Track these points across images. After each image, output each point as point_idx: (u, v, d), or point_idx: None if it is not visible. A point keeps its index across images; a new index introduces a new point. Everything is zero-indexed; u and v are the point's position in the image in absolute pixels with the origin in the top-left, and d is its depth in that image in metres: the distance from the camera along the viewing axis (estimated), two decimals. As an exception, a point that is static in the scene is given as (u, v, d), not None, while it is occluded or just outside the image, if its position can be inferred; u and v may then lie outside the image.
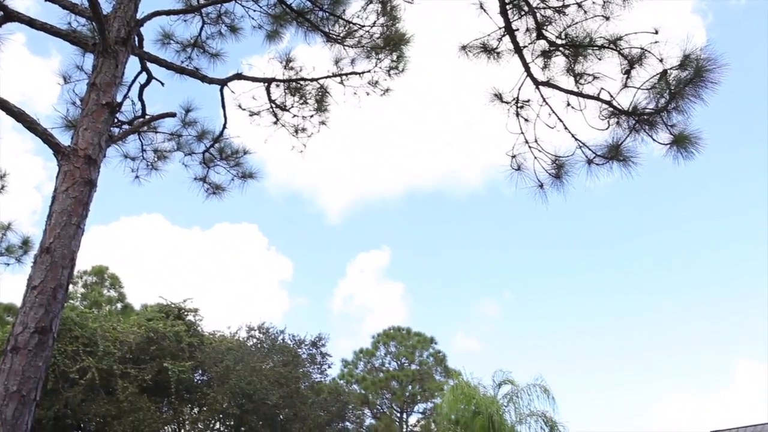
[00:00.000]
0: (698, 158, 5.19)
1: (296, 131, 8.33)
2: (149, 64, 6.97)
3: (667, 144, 5.14)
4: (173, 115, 7.30)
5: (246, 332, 23.12)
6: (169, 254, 48.13)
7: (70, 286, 5.72)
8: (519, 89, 5.79)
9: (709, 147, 5.26)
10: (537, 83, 5.65)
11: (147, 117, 7.26)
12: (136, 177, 8.06)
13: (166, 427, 20.78)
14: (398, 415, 33.58)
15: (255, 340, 22.92)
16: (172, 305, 21.65)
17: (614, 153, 5.33)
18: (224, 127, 7.92)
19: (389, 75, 7.89)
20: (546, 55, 5.60)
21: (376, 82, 7.93)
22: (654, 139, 5.20)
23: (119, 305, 30.59)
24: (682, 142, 5.01)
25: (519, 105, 5.86)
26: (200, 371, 21.04)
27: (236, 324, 27.90)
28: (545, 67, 5.65)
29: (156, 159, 8.09)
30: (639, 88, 5.19)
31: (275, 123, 8.25)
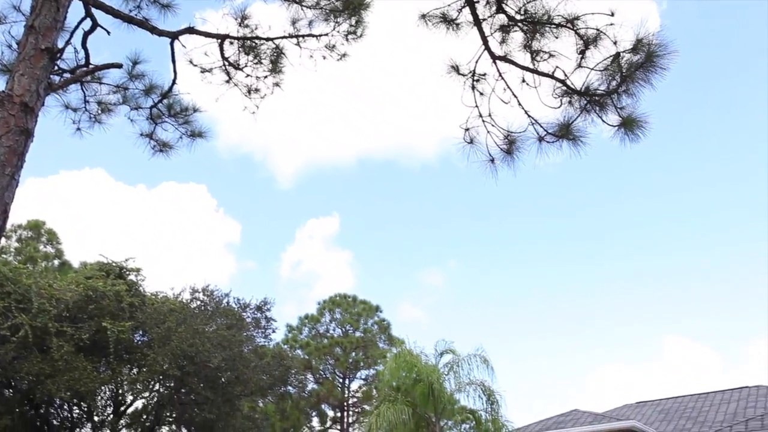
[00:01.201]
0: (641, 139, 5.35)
1: (249, 91, 8.11)
2: (94, 11, 6.60)
3: (615, 126, 5.27)
4: (119, 66, 6.97)
5: (190, 294, 22.79)
6: (112, 211, 46.62)
7: (3, 240, 5.47)
8: (476, 62, 5.80)
9: (651, 128, 5.42)
10: (494, 57, 5.67)
11: (91, 66, 6.90)
12: (78, 129, 7.70)
13: (103, 387, 20.42)
14: (341, 380, 34.04)
15: (199, 303, 22.63)
16: (113, 264, 21.08)
17: (565, 132, 5.44)
18: (174, 82, 7.62)
19: (347, 40, 7.75)
20: (504, 29, 5.61)
21: (333, 46, 7.78)
22: (603, 120, 5.33)
23: (56, 262, 29.57)
24: (629, 125, 5.15)
25: (475, 78, 5.88)
26: (141, 332, 20.68)
27: (180, 285, 27.46)
28: (503, 41, 5.66)
29: (99, 111, 7.74)
30: (592, 69, 5.28)
31: (227, 82, 8.00)
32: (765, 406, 17.75)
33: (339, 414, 34.15)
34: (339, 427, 34.08)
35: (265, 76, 8.03)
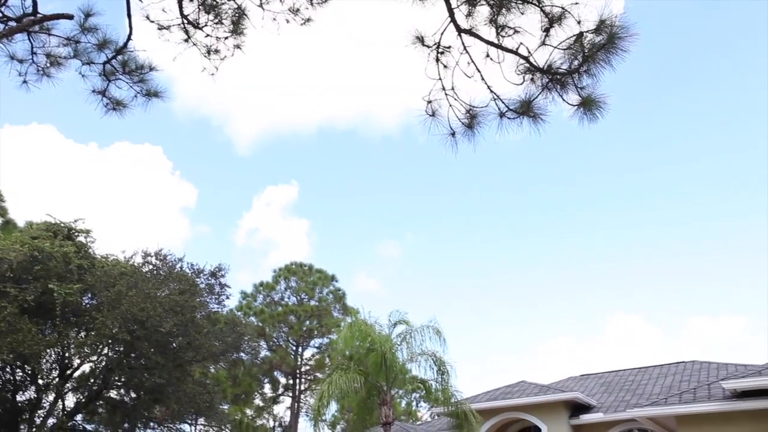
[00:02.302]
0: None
1: (209, 52, 7.85)
2: (44, -44, 6.25)
3: (575, 105, 5.34)
4: (70, 17, 6.64)
5: (142, 258, 22.37)
6: (61, 170, 44.99)
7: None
8: (441, 34, 5.74)
9: (609, 109, 5.52)
10: (460, 30, 5.63)
11: (39, 16, 6.55)
12: (24, 82, 7.32)
13: (48, 350, 19.97)
14: (294, 348, 34.17)
15: (151, 267, 22.24)
16: (61, 224, 20.46)
17: (526, 108, 5.47)
18: (129, 38, 7.30)
19: (311, 4, 7.56)
20: (471, 2, 5.57)
21: (298, 9, 7.57)
22: (564, 99, 5.38)
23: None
24: (588, 105, 5.21)
25: (440, 50, 5.83)
26: (89, 295, 20.23)
27: (132, 249, 26.88)
28: (469, 14, 5.62)
29: (48, 64, 7.37)
30: (555, 48, 5.30)
31: (186, 41, 7.71)
32: (698, 380, 18.71)
33: (291, 381, 34.37)
34: (291, 394, 34.35)
35: (226, 38, 7.78)
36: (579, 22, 5.18)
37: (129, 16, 7.05)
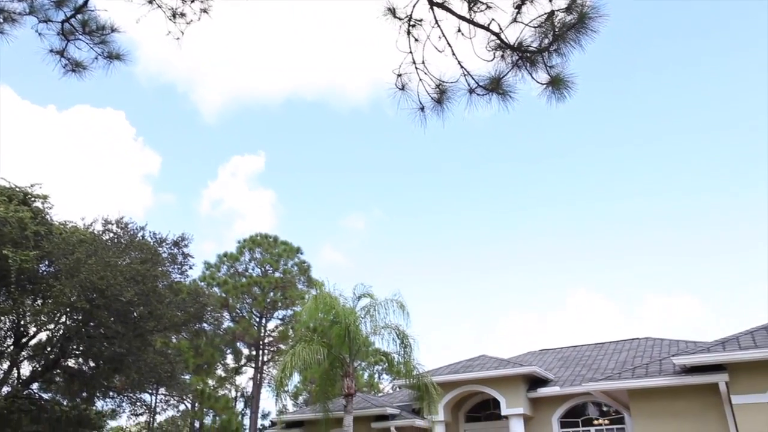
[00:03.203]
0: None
1: (174, 15, 7.58)
2: None
3: (543, 84, 5.36)
4: (26, -29, 6.31)
5: (102, 225, 21.89)
6: (17, 132, 43.39)
7: None
8: (413, 7, 5.67)
9: (577, 89, 5.57)
10: (432, 3, 5.56)
11: (-8, -32, 6.22)
12: (-25, 38, 6.98)
13: (3, 318, 19.49)
14: (257, 319, 34.10)
15: (112, 235, 21.79)
16: (17, 189, 19.81)
17: (495, 85, 5.47)
18: (89, -4, 7.01)
19: (282, -31, 7.36)
20: (444, -25, 5.50)
21: (267, -26, 7.37)
22: (533, 77, 5.39)
23: (-49, 183, 27.38)
24: (557, 84, 5.24)
25: (411, 23, 5.76)
26: (47, 262, 19.74)
27: (92, 216, 26.27)
28: (442, -13, 5.55)
29: (2, 20, 7.03)
30: (527, 25, 5.29)
31: (150, 2, 7.44)
32: (651, 356, 19.40)
33: (254, 352, 34.37)
34: (254, 365, 34.37)
35: (192, 0, 7.53)
36: (551, 1, 5.17)
37: (89, -28, 6.75)
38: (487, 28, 5.48)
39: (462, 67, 5.70)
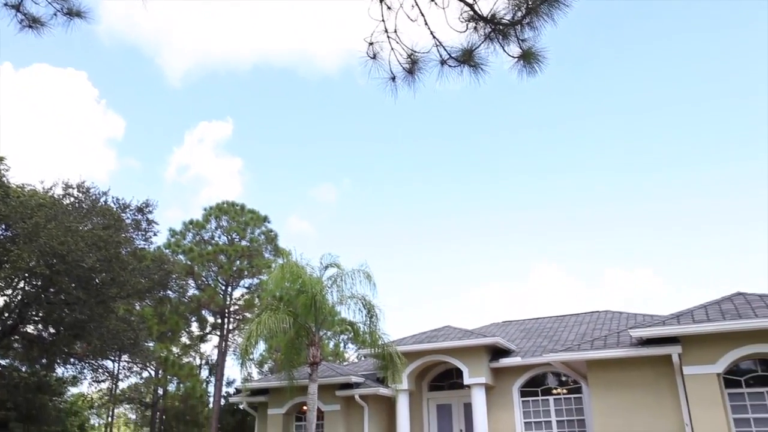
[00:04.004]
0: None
1: (137, -28, 7.28)
2: None
3: (515, 57, 5.34)
4: None
5: (62, 189, 21.30)
6: (-29, 91, 41.59)
7: None
8: (387, -27, 5.56)
9: (548, 63, 5.57)
10: (406, -30, 5.46)
11: None
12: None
13: (-42, 282, 18.96)
14: (223, 287, 33.88)
15: (72, 199, 21.24)
16: (-29, 150, 19.04)
17: (467, 57, 5.42)
18: (46, -53, 6.66)
19: (252, -72, 7.11)
20: (419, -59, 5.38)
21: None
22: (505, 50, 5.37)
23: None
24: (528, 58, 5.23)
25: (384, -10, 5.65)
26: (3, 226, 19.16)
27: (51, 179, 25.53)
28: (416, -46, 5.44)
29: (-48, -30, 6.63)
30: (501, -3, 5.24)
31: (112, -44, 7.13)
32: (609, 328, 20.00)
33: (219, 320, 34.24)
34: (219, 333, 34.27)
35: (157, -43, 7.23)
36: (525, -27, 5.12)
37: None
38: (461, -1, 5.41)
39: (434, 37, 5.63)
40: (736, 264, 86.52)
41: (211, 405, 33.15)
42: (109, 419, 38.96)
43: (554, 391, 18.75)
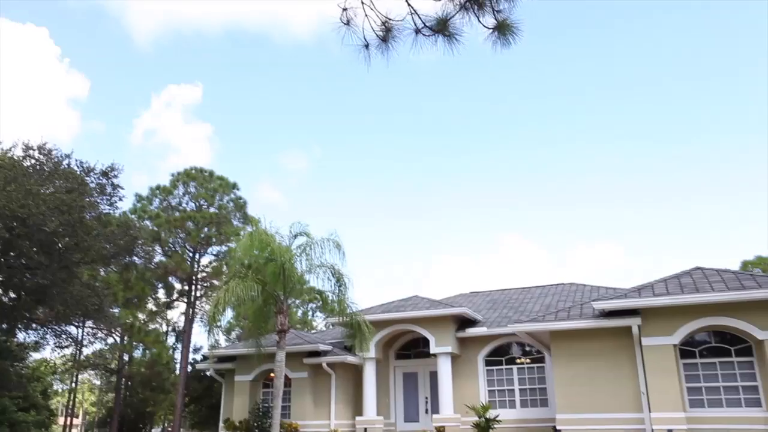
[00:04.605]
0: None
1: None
2: None
3: (490, 29, 5.28)
4: None
5: (23, 151, 20.62)
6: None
7: None
8: (362, -64, 5.41)
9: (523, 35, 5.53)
10: (382, -66, 5.32)
11: None
12: None
13: None
14: (191, 254, 33.53)
15: (33, 161, 20.59)
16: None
17: (442, 27, 5.35)
18: None
19: None
20: None
21: None
22: (480, 21, 5.30)
23: None
24: (503, 29, 5.18)
25: (359, -46, 5.50)
26: (-40, 187, 18.51)
27: (10, 140, 24.67)
28: None
29: None
30: (477, -34, 5.16)
31: None
32: (573, 300, 20.47)
33: (187, 287, 33.97)
34: (186, 300, 34.03)
35: None
36: (503, -58, 5.04)
37: None
38: (437, -34, 5.31)
39: (409, 5, 5.53)
40: (701, 238, 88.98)
41: (177, 371, 33.10)
42: (73, 385, 38.62)
43: (518, 361, 19.21)
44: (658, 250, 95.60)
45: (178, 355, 35.54)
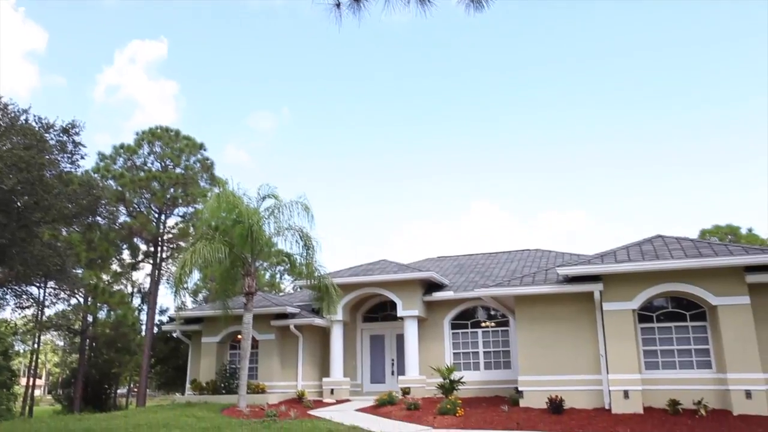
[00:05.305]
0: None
1: None
2: None
3: (464, -10, 5.19)
4: None
5: (-24, 105, 19.72)
6: None
7: None
8: None
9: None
10: None
11: None
12: None
13: None
14: (156, 215, 32.98)
15: (-12, 116, 19.74)
16: None
17: (415, -14, 5.23)
18: None
19: None
20: None
21: None
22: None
23: None
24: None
25: None
26: None
27: (-36, 94, 23.56)
28: None
29: None
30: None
31: None
32: (539, 266, 20.87)
33: (152, 249, 33.50)
34: (152, 262, 33.60)
35: None
36: None
37: None
38: None
39: (382, -39, 5.38)
40: (665, 207, 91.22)
41: (143, 333, 32.88)
42: (35, 345, 38.09)
43: (483, 325, 19.60)
44: (624, 217, 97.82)
45: (143, 317, 35.28)
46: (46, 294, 30.86)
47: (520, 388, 14.67)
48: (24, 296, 25.85)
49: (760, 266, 13.30)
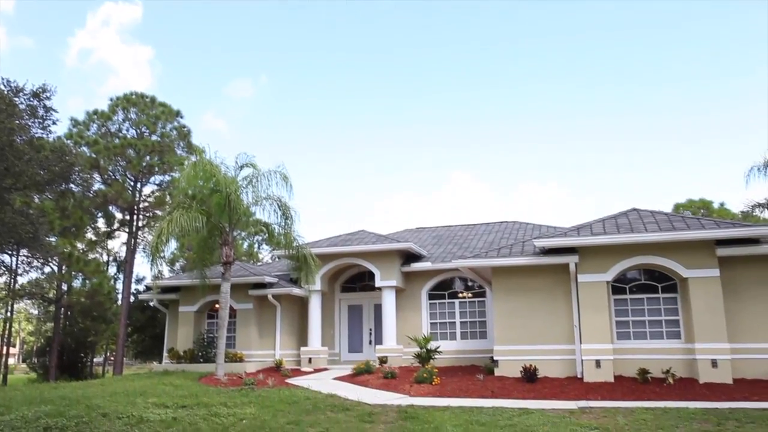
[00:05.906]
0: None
1: None
2: None
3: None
4: None
5: (-58, 67, 19.00)
6: None
7: None
8: None
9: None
10: None
11: None
12: None
13: None
14: (132, 183, 32.47)
15: (-45, 79, 19.08)
16: None
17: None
18: None
19: None
20: None
21: None
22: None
23: None
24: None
25: None
26: None
27: (-71, 55, 22.73)
28: None
29: None
30: None
31: None
32: (516, 238, 21.07)
33: (128, 217, 33.06)
34: (128, 230, 33.19)
35: None
36: None
37: None
38: None
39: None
40: (642, 180, 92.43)
41: (119, 301, 32.63)
42: (9, 314, 37.61)
43: (460, 295, 19.82)
44: (602, 190, 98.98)
45: (120, 286, 34.95)
46: (19, 262, 30.39)
47: (495, 358, 14.93)
48: (-4, 264, 25.40)
49: (731, 240, 13.60)
